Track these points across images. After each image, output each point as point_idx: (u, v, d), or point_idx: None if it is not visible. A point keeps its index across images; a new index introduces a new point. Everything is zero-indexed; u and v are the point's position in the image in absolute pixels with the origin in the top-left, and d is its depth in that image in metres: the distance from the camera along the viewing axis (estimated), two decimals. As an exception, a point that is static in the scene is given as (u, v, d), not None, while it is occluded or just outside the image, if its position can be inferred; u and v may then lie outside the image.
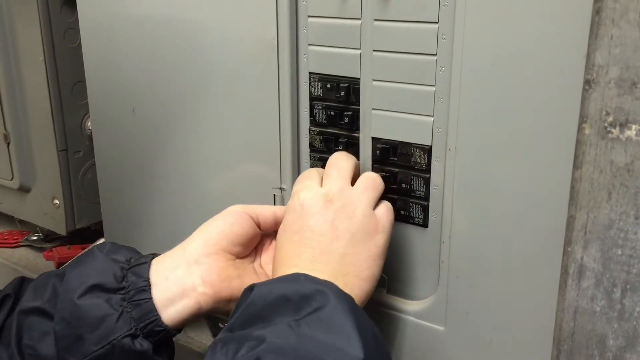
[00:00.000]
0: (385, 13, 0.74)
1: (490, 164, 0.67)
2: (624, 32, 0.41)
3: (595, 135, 0.44)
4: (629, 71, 0.41)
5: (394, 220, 0.78)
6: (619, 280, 0.44)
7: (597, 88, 0.43)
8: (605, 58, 0.42)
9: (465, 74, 0.67)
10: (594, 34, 0.43)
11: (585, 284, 0.46)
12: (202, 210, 0.91)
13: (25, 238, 1.33)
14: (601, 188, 0.44)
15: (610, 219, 0.44)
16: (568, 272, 0.47)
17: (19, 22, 1.14)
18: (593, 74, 0.43)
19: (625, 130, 0.42)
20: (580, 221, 0.45)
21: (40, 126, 1.18)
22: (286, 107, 0.84)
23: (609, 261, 0.45)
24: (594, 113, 0.43)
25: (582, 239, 0.45)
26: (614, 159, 0.43)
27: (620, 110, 0.42)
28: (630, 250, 0.43)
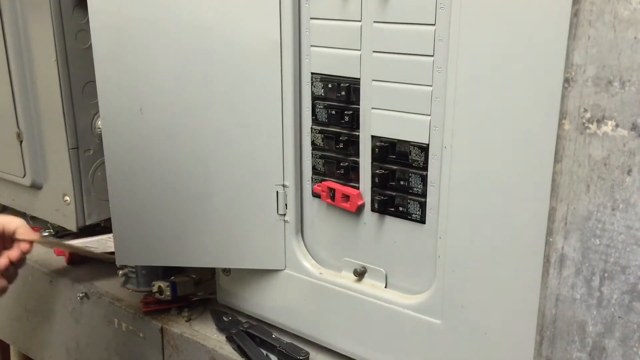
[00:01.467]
0: (384, 15, 0.76)
1: (482, 161, 0.70)
2: (599, 33, 0.43)
3: (574, 130, 0.46)
4: (604, 70, 0.43)
5: (393, 216, 0.81)
6: (597, 268, 0.46)
7: (575, 86, 0.45)
8: (583, 57, 0.44)
9: (459, 75, 0.70)
10: (573, 34, 0.45)
11: (566, 272, 0.48)
12: (208, 206, 0.94)
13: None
14: (580, 181, 0.46)
15: (589, 211, 0.46)
16: (550, 262, 0.49)
17: (32, 24, 1.17)
18: (572, 73, 0.45)
19: (602, 125, 0.44)
20: (561, 212, 0.47)
21: (52, 125, 1.21)
22: (289, 107, 0.87)
23: (587, 251, 0.47)
24: (572, 110, 0.46)
25: (563, 230, 0.48)
26: (591, 153, 0.45)
27: (597, 107, 0.44)
28: (607, 240, 0.45)
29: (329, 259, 0.92)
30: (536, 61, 0.59)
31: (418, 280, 0.82)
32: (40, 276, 1.25)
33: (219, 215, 0.93)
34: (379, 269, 0.86)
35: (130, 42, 0.89)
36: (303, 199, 0.92)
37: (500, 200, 0.68)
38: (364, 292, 0.86)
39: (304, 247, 0.93)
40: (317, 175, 0.89)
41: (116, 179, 0.94)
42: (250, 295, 1.00)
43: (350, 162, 0.85)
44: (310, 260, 0.93)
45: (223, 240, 0.94)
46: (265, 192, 0.91)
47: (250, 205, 0.92)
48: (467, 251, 0.73)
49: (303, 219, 0.93)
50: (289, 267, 0.94)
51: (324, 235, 0.91)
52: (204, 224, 0.94)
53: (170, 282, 1.06)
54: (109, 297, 1.13)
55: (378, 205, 0.83)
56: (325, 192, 0.87)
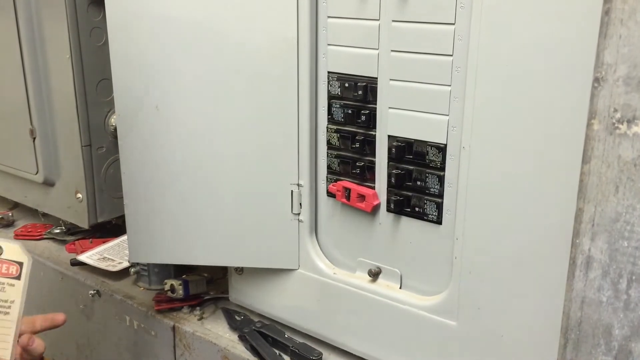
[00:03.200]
0: (403, 14, 0.76)
1: (503, 162, 0.69)
2: (631, 32, 0.42)
3: (603, 131, 0.45)
4: (636, 69, 0.43)
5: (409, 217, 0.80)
6: (625, 271, 0.46)
7: (605, 86, 0.45)
8: (614, 57, 0.44)
9: (480, 75, 0.69)
10: (603, 33, 0.44)
11: (592, 274, 0.47)
12: (222, 204, 0.93)
13: (49, 231, 1.36)
14: (609, 182, 0.45)
15: (617, 212, 0.45)
16: (576, 264, 0.48)
17: (47, 21, 1.18)
18: (602, 72, 0.45)
19: (632, 126, 0.43)
20: (588, 214, 0.47)
21: (65, 122, 1.21)
22: (305, 105, 0.87)
23: (615, 253, 0.46)
24: (602, 110, 0.45)
25: (590, 231, 0.47)
26: (621, 154, 0.45)
27: (628, 107, 0.43)
28: (636, 243, 0.45)
29: (343, 259, 0.91)
30: (565, 60, 0.59)
31: (433, 282, 0.82)
32: (51, 273, 1.25)
33: (233, 213, 0.93)
34: (394, 270, 0.85)
35: (147, 40, 0.88)
36: (318, 199, 0.91)
37: (522, 202, 0.67)
38: (379, 293, 0.86)
39: (318, 246, 0.93)
40: (333, 175, 0.88)
41: (130, 177, 0.94)
42: (263, 295, 1.00)
43: (366, 161, 0.84)
44: (324, 260, 0.92)
45: (236, 239, 0.94)
46: (280, 191, 0.91)
47: (265, 204, 0.92)
48: (485, 253, 0.73)
49: (317, 218, 0.92)
50: (303, 267, 0.94)
51: (338, 235, 0.91)
52: (218, 222, 0.94)
53: (182, 281, 1.06)
54: (121, 295, 1.12)
55: (394, 205, 0.82)
56: (340, 191, 0.87)
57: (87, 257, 1.21)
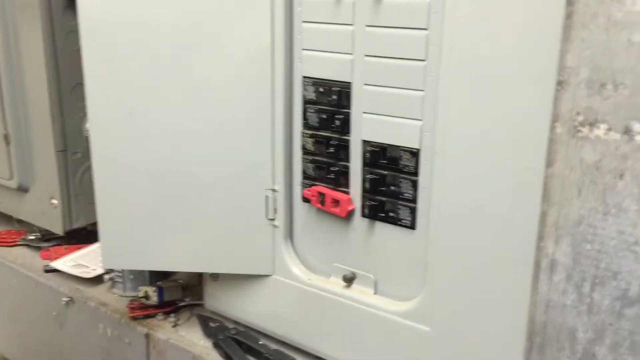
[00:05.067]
0: (376, 19, 0.76)
1: (474, 166, 0.69)
2: (593, 35, 0.43)
3: (566, 134, 0.45)
4: (598, 73, 0.43)
5: (383, 222, 0.80)
6: (588, 274, 0.46)
7: (568, 89, 0.45)
8: (576, 60, 0.44)
9: (452, 80, 0.69)
10: (566, 36, 0.45)
11: (557, 278, 0.47)
12: (196, 209, 0.92)
13: (23, 237, 1.34)
14: (572, 185, 0.46)
15: (580, 215, 0.46)
16: (540, 267, 0.48)
17: (21, 25, 1.16)
18: (565, 75, 0.45)
19: (594, 129, 0.43)
20: (552, 217, 0.47)
21: (40, 127, 1.20)
22: (280, 110, 0.86)
23: (579, 256, 0.46)
24: (565, 113, 0.45)
25: (554, 235, 0.47)
26: (583, 157, 0.45)
27: (590, 110, 0.44)
28: (599, 245, 0.45)
29: (318, 265, 0.91)
30: (529, 64, 0.59)
31: (408, 287, 0.82)
32: (24, 280, 1.23)
33: (208, 219, 0.92)
34: (369, 275, 0.85)
35: (120, 44, 0.88)
36: (293, 204, 0.91)
37: (491, 206, 0.68)
38: (353, 299, 0.85)
39: (293, 252, 0.92)
40: (308, 180, 0.88)
41: (103, 182, 0.93)
42: (238, 301, 0.99)
43: (341, 166, 0.84)
44: (299, 266, 0.92)
45: (211, 245, 0.93)
46: (254, 196, 0.90)
47: (239, 209, 0.91)
48: (458, 258, 0.73)
49: (293, 223, 0.92)
50: (278, 273, 0.93)
51: (313, 240, 0.90)
52: (192, 227, 0.93)
53: (157, 287, 1.05)
54: (95, 302, 1.11)
55: (368, 210, 0.82)
56: (315, 196, 0.86)
57: (61, 264, 1.19)
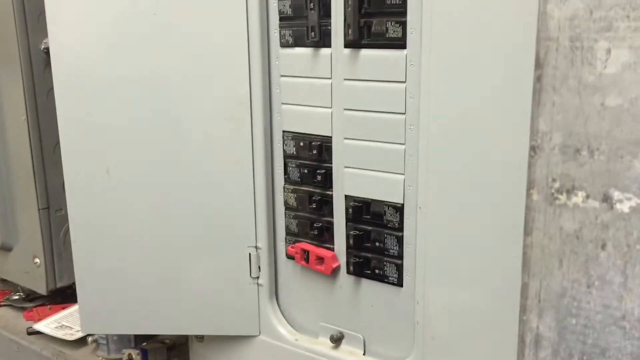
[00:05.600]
0: (354, 73, 0.74)
1: (456, 224, 0.66)
2: (564, 99, 0.41)
3: (543, 201, 0.43)
4: (571, 137, 0.41)
5: (370, 279, 0.77)
6: (575, 350, 0.42)
7: (542, 154, 0.43)
8: (549, 124, 0.42)
9: (431, 133, 0.67)
10: (536, 100, 0.43)
11: (542, 354, 0.44)
12: (177, 270, 0.90)
13: (7, 297, 1.30)
14: (552, 255, 0.43)
15: (563, 287, 0.43)
16: (525, 342, 0.45)
17: (3, 83, 1.15)
18: (537, 140, 0.43)
19: (572, 196, 0.41)
20: (534, 289, 0.44)
21: (22, 184, 1.18)
22: (260, 165, 0.84)
23: (564, 331, 0.43)
24: (540, 179, 0.43)
25: (537, 307, 0.44)
26: (562, 225, 0.42)
27: (566, 176, 0.41)
28: (584, 320, 0.42)
29: (305, 324, 0.87)
30: (502, 126, 0.57)
31: (398, 347, 0.78)
32: (6, 342, 1.19)
33: (190, 279, 0.89)
34: (357, 335, 0.81)
35: (95, 102, 0.86)
36: (277, 261, 0.88)
37: (475, 268, 0.65)
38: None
39: (279, 311, 0.89)
40: (291, 236, 0.85)
41: (81, 244, 0.91)
42: (225, 363, 0.95)
43: (324, 222, 0.81)
44: (286, 326, 0.88)
45: (194, 306, 0.90)
46: (237, 255, 0.87)
47: (222, 268, 0.88)
48: (445, 318, 0.69)
49: (277, 281, 0.89)
50: (264, 333, 0.89)
51: (299, 298, 0.87)
52: (174, 289, 0.90)
53: (141, 350, 1.01)
54: (78, 366, 1.07)
55: (354, 267, 0.79)
56: (299, 253, 0.83)
57: (44, 326, 1.15)
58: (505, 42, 0.54)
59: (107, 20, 0.84)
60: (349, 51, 0.74)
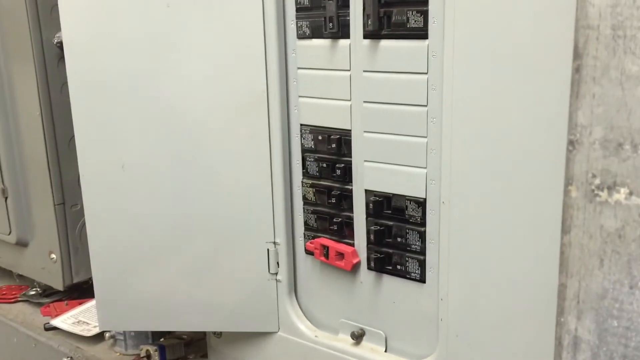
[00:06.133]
0: (373, 64, 0.72)
1: (484, 220, 0.64)
2: (605, 91, 0.38)
3: (582, 198, 0.41)
4: (613, 132, 0.39)
5: (391, 275, 0.76)
6: (616, 354, 0.41)
7: (581, 149, 0.41)
8: (588, 118, 0.40)
9: (455, 126, 0.65)
10: (575, 92, 0.41)
11: (581, 357, 0.43)
12: (195, 266, 0.88)
13: (23, 293, 1.30)
14: (592, 254, 0.41)
15: (604, 288, 0.41)
16: (562, 344, 0.43)
17: (16, 78, 1.15)
18: (576, 134, 0.41)
19: (613, 193, 0.39)
20: (572, 290, 0.42)
21: (37, 180, 1.17)
22: (278, 160, 0.82)
23: (604, 333, 0.41)
24: (579, 175, 0.41)
25: (575, 309, 0.42)
26: (603, 223, 0.40)
27: (607, 172, 0.39)
28: (627, 322, 0.40)
29: (325, 320, 0.86)
30: (536, 119, 0.55)
31: (420, 344, 0.76)
32: (24, 338, 1.19)
33: (208, 276, 0.88)
34: (378, 332, 0.80)
35: (111, 97, 0.85)
36: (296, 257, 0.87)
37: (504, 264, 0.63)
38: (363, 357, 0.80)
39: (298, 307, 0.87)
40: (310, 232, 0.84)
41: (97, 240, 0.90)
42: (243, 359, 0.94)
43: (344, 217, 0.80)
44: (305, 322, 0.87)
45: (212, 303, 0.89)
46: (255, 251, 0.86)
47: (240, 264, 0.87)
48: (470, 316, 0.68)
49: (296, 277, 0.87)
50: (283, 330, 0.88)
51: (319, 295, 0.86)
52: (191, 285, 0.89)
53: (158, 346, 1.00)
54: (96, 362, 1.07)
55: (374, 263, 0.77)
56: (318, 249, 0.82)
57: (61, 322, 1.15)
58: (541, 31, 0.52)
59: (120, 13, 0.83)
60: (369, 42, 0.72)
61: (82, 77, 0.86)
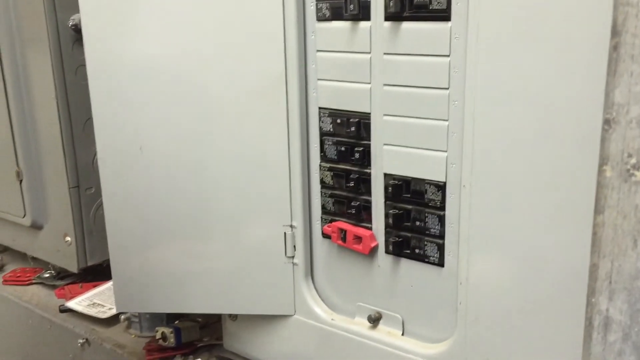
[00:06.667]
0: (394, 46, 0.72)
1: (508, 203, 0.64)
2: (645, 69, 0.38)
3: (617, 177, 0.41)
4: (652, 111, 0.38)
5: (409, 259, 0.76)
6: (649, 335, 0.41)
7: (617, 128, 0.40)
8: (626, 96, 0.39)
9: (479, 108, 0.65)
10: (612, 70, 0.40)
11: (612, 337, 0.42)
12: (212, 249, 0.89)
13: (38, 275, 1.31)
14: (626, 234, 0.41)
15: (637, 269, 0.41)
16: (593, 325, 0.43)
17: (31, 61, 1.15)
18: (612, 113, 0.40)
19: (650, 173, 0.39)
20: (604, 270, 0.42)
21: (52, 163, 1.17)
22: (296, 143, 0.82)
23: (637, 314, 0.41)
24: (615, 154, 0.40)
25: (607, 290, 0.42)
26: (638, 203, 0.40)
27: (644, 152, 0.39)
28: (660, 303, 0.40)
29: (341, 304, 0.86)
30: (569, 98, 0.54)
31: (438, 328, 0.77)
32: (39, 320, 1.20)
33: (224, 258, 0.88)
34: (395, 315, 0.80)
35: (128, 79, 0.85)
36: (313, 240, 0.87)
37: (529, 248, 0.62)
38: (380, 340, 0.80)
39: (315, 291, 0.88)
40: (327, 215, 0.84)
41: (115, 222, 0.90)
42: (259, 342, 0.94)
43: (362, 201, 0.80)
44: (322, 305, 0.87)
45: (228, 285, 0.89)
46: (272, 234, 0.86)
47: (257, 247, 0.87)
48: (491, 300, 0.68)
49: (313, 261, 0.87)
50: (299, 313, 0.88)
51: (335, 278, 0.86)
52: (208, 267, 0.89)
53: (174, 328, 1.01)
54: (111, 344, 1.07)
55: (393, 247, 0.77)
56: (335, 233, 0.82)
57: (76, 304, 1.16)
58: (576, 7, 0.51)
59: (138, -5, 0.82)
60: (390, 24, 0.71)
61: (100, 59, 0.85)
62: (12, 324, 1.26)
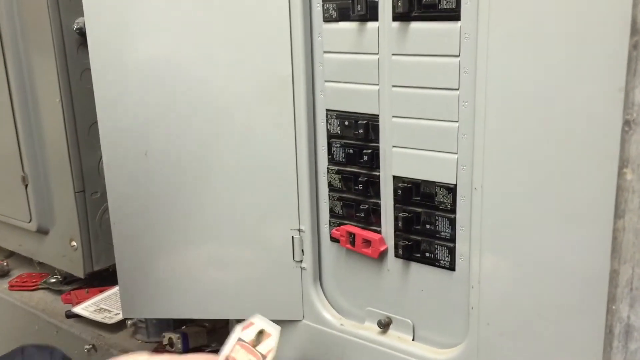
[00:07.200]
0: (403, 47, 0.70)
1: (521, 206, 0.63)
2: (667, 68, 0.37)
3: (638, 180, 0.39)
4: (674, 111, 0.37)
5: (419, 262, 0.74)
6: (672, 343, 0.39)
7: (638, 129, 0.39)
8: (647, 97, 0.38)
9: (490, 110, 0.63)
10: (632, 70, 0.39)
11: (634, 346, 0.41)
12: (219, 254, 0.88)
13: (44, 280, 1.31)
14: (648, 240, 0.39)
15: (660, 276, 0.39)
16: (613, 333, 0.42)
17: (35, 65, 1.14)
18: (633, 114, 0.39)
19: (673, 176, 0.37)
20: (625, 276, 0.41)
21: (57, 168, 1.17)
22: (303, 146, 0.81)
23: (660, 322, 0.40)
24: (635, 157, 0.39)
25: (628, 297, 0.41)
26: (662, 208, 0.39)
27: (667, 154, 0.38)
28: (684, 311, 0.38)
29: (350, 309, 0.85)
30: (586, 99, 0.53)
31: (449, 333, 0.75)
32: (45, 326, 1.19)
33: (231, 263, 0.87)
34: (406, 320, 0.79)
35: (134, 83, 0.84)
36: (321, 244, 0.85)
37: (544, 252, 0.61)
38: (390, 345, 0.79)
39: (323, 295, 0.86)
40: (335, 219, 0.83)
41: (121, 227, 0.89)
42: (267, 347, 0.93)
43: (371, 204, 0.79)
44: (330, 310, 0.86)
45: (235, 290, 0.88)
46: (279, 238, 0.85)
47: (264, 251, 0.86)
48: (505, 304, 0.66)
49: (321, 265, 0.86)
50: (307, 318, 0.87)
51: (344, 283, 0.85)
52: (215, 272, 0.88)
53: (181, 334, 1.00)
54: (118, 350, 1.06)
55: (402, 250, 0.76)
56: (344, 236, 0.81)
57: (83, 309, 1.15)
58: (593, 5, 0.50)
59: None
60: (398, 24, 0.70)
61: (105, 63, 0.85)
62: (19, 329, 1.26)
